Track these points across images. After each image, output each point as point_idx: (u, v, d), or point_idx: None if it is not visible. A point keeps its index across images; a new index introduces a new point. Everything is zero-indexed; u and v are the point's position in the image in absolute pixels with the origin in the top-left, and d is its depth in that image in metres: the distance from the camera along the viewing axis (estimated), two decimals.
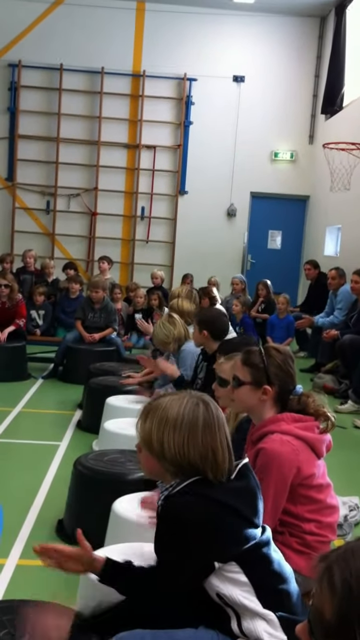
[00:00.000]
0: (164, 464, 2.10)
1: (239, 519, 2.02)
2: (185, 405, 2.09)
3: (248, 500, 2.06)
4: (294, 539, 2.70)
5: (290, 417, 2.76)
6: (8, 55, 12.62)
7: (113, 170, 12.83)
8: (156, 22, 12.68)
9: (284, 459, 2.65)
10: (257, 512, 2.07)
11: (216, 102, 12.85)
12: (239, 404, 2.92)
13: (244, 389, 2.84)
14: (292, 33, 12.87)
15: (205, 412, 2.09)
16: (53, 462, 5.38)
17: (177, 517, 2.01)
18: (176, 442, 2.07)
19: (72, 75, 12.62)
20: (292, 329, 9.71)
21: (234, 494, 2.04)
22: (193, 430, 2.07)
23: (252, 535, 2.04)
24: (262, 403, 2.81)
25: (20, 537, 4.01)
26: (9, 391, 7.64)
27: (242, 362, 2.86)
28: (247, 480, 2.10)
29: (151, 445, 2.11)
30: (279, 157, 13.12)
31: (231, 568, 2.01)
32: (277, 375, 2.80)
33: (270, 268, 12.78)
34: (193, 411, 2.09)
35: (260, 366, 2.81)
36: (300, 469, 2.67)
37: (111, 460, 4.13)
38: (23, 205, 12.85)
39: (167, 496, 2.08)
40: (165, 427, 2.08)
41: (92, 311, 8.61)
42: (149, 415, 2.13)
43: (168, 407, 2.10)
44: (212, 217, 13.04)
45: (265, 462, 2.64)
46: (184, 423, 2.07)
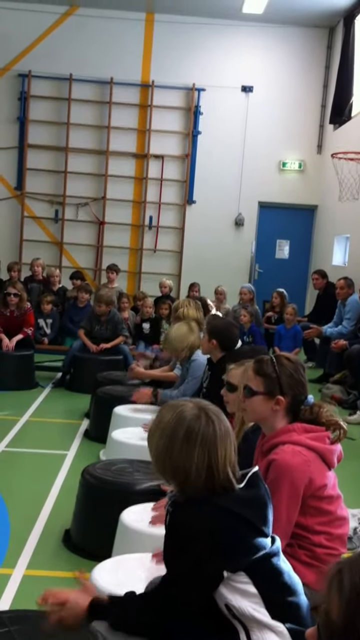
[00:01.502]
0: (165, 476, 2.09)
1: (248, 527, 1.99)
2: (180, 412, 2.06)
3: (257, 509, 2.04)
4: (302, 551, 2.67)
5: (302, 428, 2.74)
6: (18, 66, 12.69)
7: (121, 179, 12.87)
8: (165, 33, 12.74)
9: (295, 470, 2.62)
10: (266, 521, 2.04)
11: (224, 112, 12.88)
12: (251, 413, 2.89)
13: (257, 399, 2.81)
14: (300, 43, 12.90)
15: (206, 424, 2.03)
16: (60, 471, 5.38)
17: (184, 525, 1.99)
18: (159, 448, 2.06)
19: (81, 86, 12.68)
20: (299, 338, 9.68)
21: (243, 503, 2.01)
22: (173, 439, 2.03)
23: (261, 545, 2.01)
24: (274, 413, 2.79)
25: (27, 547, 4.00)
26: (16, 400, 7.65)
27: (255, 372, 2.84)
28: (257, 489, 2.07)
29: (149, 448, 2.12)
30: (287, 167, 13.13)
31: (240, 579, 1.99)
32: (289, 385, 2.78)
33: (278, 278, 12.76)
34: (181, 420, 2.04)
35: (273, 376, 2.78)
36: (312, 480, 2.65)
37: (119, 470, 4.12)
38: (32, 214, 12.90)
39: (174, 502, 2.07)
40: (157, 430, 2.08)
41: (99, 323, 8.61)
42: (157, 415, 2.15)
43: (166, 411, 2.10)
44: (219, 226, 13.05)
45: (277, 475, 2.62)
46: (169, 429, 2.05)
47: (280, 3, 11.52)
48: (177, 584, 2.00)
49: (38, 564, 3.81)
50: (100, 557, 3.29)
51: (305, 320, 10.47)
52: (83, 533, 4.06)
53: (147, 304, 10.25)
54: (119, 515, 3.49)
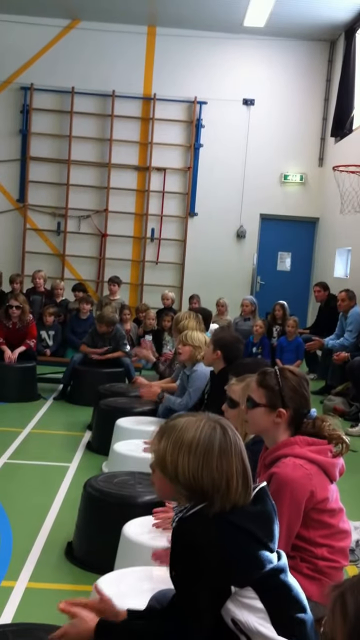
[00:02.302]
0: (177, 487, 2.06)
1: (254, 541, 1.99)
2: (202, 428, 2.05)
3: (264, 525, 2.04)
4: (305, 564, 2.67)
5: (304, 441, 2.74)
6: (20, 79, 12.77)
7: (123, 192, 12.91)
8: (167, 46, 12.82)
9: (297, 483, 2.63)
10: (272, 537, 2.05)
11: (226, 125, 12.94)
12: (252, 425, 2.89)
13: (259, 411, 2.82)
14: (302, 57, 12.98)
15: (222, 437, 2.05)
16: (63, 483, 5.37)
17: (191, 541, 1.98)
18: (190, 467, 2.02)
19: (83, 99, 12.75)
20: (301, 351, 9.68)
21: (250, 518, 2.02)
22: (208, 455, 2.03)
23: (268, 559, 2.01)
24: (276, 426, 2.79)
25: (30, 559, 4.00)
26: (19, 412, 7.65)
27: (258, 384, 2.84)
28: (264, 505, 2.07)
29: (165, 467, 2.07)
30: (288, 180, 13.18)
31: (247, 594, 1.99)
32: (292, 398, 2.78)
33: (279, 290, 12.77)
34: (209, 436, 2.04)
35: (276, 388, 2.79)
36: (314, 493, 2.65)
37: (121, 483, 4.12)
38: (34, 227, 12.94)
39: (179, 519, 2.05)
40: (180, 450, 2.04)
41: (102, 340, 8.62)
42: (165, 435, 2.10)
43: (184, 429, 2.06)
44: (221, 238, 13.08)
45: (279, 487, 2.61)
46: (199, 447, 2.03)
47: (282, 16, 11.60)
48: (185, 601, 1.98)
49: (41, 576, 3.81)
50: (103, 569, 3.29)
51: (307, 332, 10.48)
52: (85, 546, 4.05)
53: (150, 316, 10.26)
54: (121, 528, 3.48)
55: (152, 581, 2.84)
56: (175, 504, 2.18)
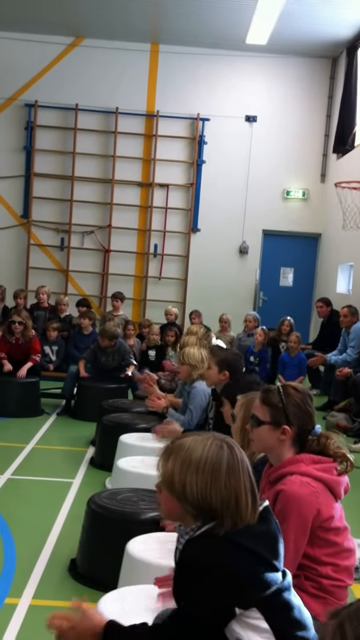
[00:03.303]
0: (185, 506, 2.06)
1: (260, 563, 1.99)
2: (209, 447, 2.06)
3: (269, 545, 2.03)
4: (309, 582, 2.66)
5: (309, 459, 2.74)
6: (25, 96, 12.88)
7: (126, 208, 12.98)
8: (169, 64, 12.93)
9: (303, 501, 2.62)
10: (278, 556, 2.04)
11: (229, 142, 13.02)
12: (257, 443, 2.88)
13: (263, 429, 2.81)
14: (303, 74, 13.08)
15: (230, 455, 2.06)
16: (66, 499, 5.37)
17: (197, 563, 1.98)
18: (199, 485, 2.02)
19: (87, 115, 12.85)
20: (303, 366, 9.68)
21: (255, 538, 2.01)
22: (216, 473, 2.03)
23: (273, 580, 2.01)
24: (281, 443, 2.78)
25: (33, 576, 3.99)
26: (22, 427, 7.66)
27: (261, 401, 2.83)
28: (269, 524, 2.07)
29: (172, 487, 2.07)
30: (290, 196, 13.23)
31: (252, 614, 1.98)
32: (295, 414, 2.78)
33: (282, 305, 12.80)
34: (217, 454, 2.05)
35: (279, 405, 2.78)
36: (320, 511, 2.64)
37: (124, 499, 4.12)
38: (38, 242, 13.00)
39: (188, 540, 2.05)
40: (188, 469, 2.04)
41: (105, 354, 8.62)
42: (172, 455, 2.09)
43: (192, 448, 2.06)
44: (224, 254, 13.13)
45: (285, 505, 2.61)
46: (207, 466, 2.03)
47: (284, 34, 11.70)
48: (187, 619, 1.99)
49: (44, 593, 3.80)
50: (107, 587, 3.29)
51: (309, 348, 10.49)
52: (89, 562, 4.05)
53: (154, 332, 10.27)
54: (125, 546, 3.48)
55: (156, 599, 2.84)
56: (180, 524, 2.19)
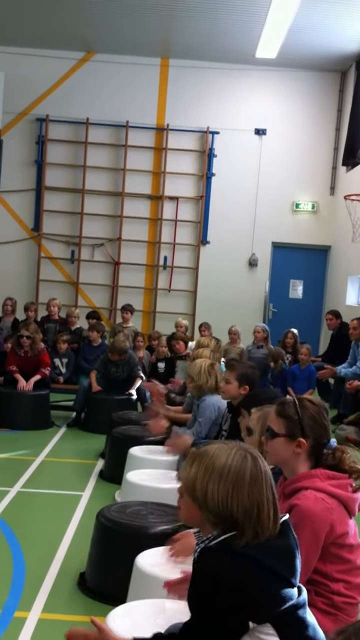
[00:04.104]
0: (205, 514, 2.06)
1: (276, 578, 1.97)
2: (234, 456, 2.06)
3: (287, 560, 2.02)
4: (320, 598, 2.66)
5: (324, 474, 2.73)
6: (36, 110, 12.98)
7: (136, 220, 13.04)
8: (179, 78, 13.01)
9: (317, 517, 2.61)
10: (294, 572, 2.03)
11: (238, 155, 13.07)
12: (272, 456, 2.86)
13: (278, 441, 2.80)
14: (313, 87, 13.13)
15: (253, 465, 2.05)
16: (75, 512, 5.39)
17: (212, 574, 1.97)
18: (220, 493, 2.02)
19: (97, 129, 12.94)
20: (313, 379, 9.66)
21: (272, 553, 2.00)
22: (239, 483, 2.02)
23: (289, 596, 1.99)
24: (296, 456, 2.77)
25: (42, 590, 4.01)
26: (32, 440, 7.68)
27: (277, 414, 2.83)
28: (287, 539, 2.06)
29: (194, 493, 2.07)
30: (300, 208, 13.26)
31: (265, 630, 1.97)
32: (311, 427, 2.77)
33: (291, 317, 12.80)
34: (241, 463, 2.05)
35: (295, 418, 2.77)
36: (334, 527, 2.63)
37: (134, 513, 4.13)
38: (48, 255, 13.08)
39: (203, 549, 2.04)
40: (211, 476, 2.04)
41: (115, 366, 8.67)
42: (196, 461, 2.10)
43: (215, 456, 2.06)
44: (233, 266, 13.16)
45: (299, 520, 2.59)
46: (231, 474, 2.03)
47: (293, 48, 11.76)
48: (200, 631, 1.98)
49: (53, 607, 3.82)
50: (116, 601, 3.29)
51: (319, 360, 10.47)
52: (98, 576, 4.06)
53: (163, 344, 10.29)
54: (134, 559, 3.49)
55: (166, 614, 2.85)
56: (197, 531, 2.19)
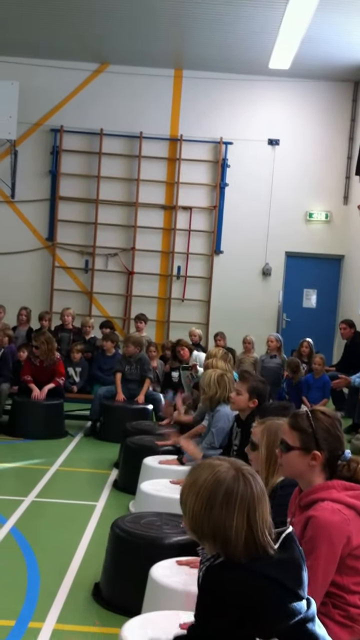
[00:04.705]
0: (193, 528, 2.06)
1: (284, 592, 1.95)
2: (216, 472, 2.03)
3: (293, 573, 2.00)
4: (337, 610, 2.63)
5: (341, 485, 2.72)
6: (51, 121, 13.07)
7: (150, 230, 13.08)
8: (193, 89, 13.06)
9: (334, 528, 2.60)
10: (302, 584, 2.00)
11: (251, 165, 13.09)
12: (287, 469, 2.86)
13: (293, 454, 2.79)
14: (326, 97, 13.15)
15: (232, 484, 2.00)
16: (90, 522, 5.41)
17: (218, 589, 1.95)
18: (195, 508, 2.01)
19: (111, 140, 13.01)
20: (327, 389, 9.63)
21: (278, 567, 1.97)
22: (211, 501, 1.99)
23: (297, 609, 1.97)
24: (311, 468, 2.76)
25: (57, 600, 4.02)
26: (46, 449, 7.72)
27: (290, 426, 2.82)
28: (292, 552, 2.03)
29: (182, 505, 2.08)
30: (313, 218, 13.26)
31: None
32: (325, 439, 2.77)
33: (305, 327, 12.78)
34: (219, 481, 2.01)
35: (309, 430, 2.77)
36: (350, 539, 2.62)
37: (148, 524, 4.14)
38: (62, 265, 13.14)
39: (208, 567, 2.02)
40: (191, 490, 2.04)
41: (129, 364, 8.83)
42: (188, 474, 2.10)
43: (201, 470, 2.06)
44: (247, 276, 13.16)
45: (316, 532, 2.59)
46: (206, 491, 2.01)
47: (306, 58, 11.78)
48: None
49: (68, 618, 3.83)
50: (131, 611, 3.30)
51: (333, 369, 10.44)
52: (113, 587, 4.07)
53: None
54: (149, 570, 3.50)
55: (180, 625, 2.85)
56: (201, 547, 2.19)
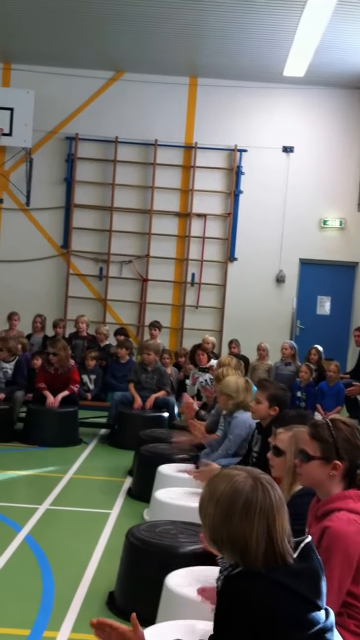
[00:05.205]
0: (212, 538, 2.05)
1: (302, 602, 1.95)
2: (233, 483, 2.02)
3: (311, 583, 2.00)
4: (352, 620, 2.62)
5: (358, 495, 2.71)
6: (66, 129, 13.14)
7: (164, 237, 13.10)
8: (208, 96, 13.09)
9: (350, 539, 2.59)
10: (320, 594, 2.00)
11: (266, 172, 13.09)
12: (306, 478, 2.85)
13: (313, 464, 2.78)
14: (340, 104, 13.13)
15: (251, 494, 2.00)
16: (104, 531, 5.40)
17: (237, 599, 1.95)
18: (215, 519, 2.01)
19: (126, 148, 13.06)
20: (341, 396, 9.60)
21: (297, 576, 1.97)
22: (230, 511, 1.99)
23: (316, 619, 1.97)
24: (330, 478, 2.76)
25: (71, 609, 4.02)
26: (60, 457, 7.73)
27: (311, 436, 2.81)
28: (310, 561, 2.03)
29: (201, 515, 2.08)
30: (327, 225, 13.23)
31: None
32: (346, 449, 2.75)
33: (319, 334, 12.75)
34: (237, 491, 2.01)
35: (330, 440, 2.76)
36: None
37: (163, 532, 4.13)
38: (77, 272, 13.18)
39: (226, 576, 2.03)
40: (211, 501, 2.04)
41: (145, 372, 8.76)
42: (206, 484, 2.10)
43: (220, 480, 2.06)
44: (261, 283, 13.15)
45: (331, 542, 2.59)
46: (224, 501, 2.01)
47: (321, 66, 11.78)
48: None
49: (83, 627, 3.82)
50: (146, 621, 3.26)
51: (347, 377, 10.41)
52: (127, 596, 4.06)
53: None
54: (164, 579, 3.49)
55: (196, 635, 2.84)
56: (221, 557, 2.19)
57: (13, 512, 5.71)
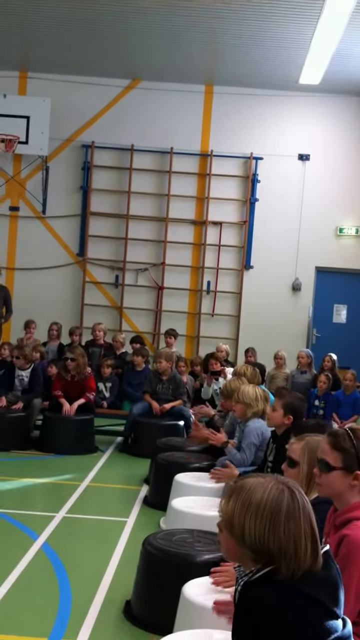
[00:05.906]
0: (244, 549, 2.04)
1: (320, 610, 1.95)
2: (270, 490, 2.03)
3: (330, 591, 2.00)
4: None
5: None
6: (82, 137, 13.21)
7: (180, 245, 13.12)
8: (223, 104, 13.11)
9: None
10: (338, 603, 2.00)
11: (282, 180, 13.08)
12: (326, 489, 2.83)
13: (335, 475, 2.76)
14: (355, 112, 13.10)
15: (290, 500, 2.03)
16: (120, 539, 5.39)
17: (254, 608, 1.95)
18: (257, 529, 2.00)
19: (142, 156, 13.10)
20: (358, 405, 9.56)
21: (316, 585, 1.97)
22: (275, 518, 2.00)
23: (333, 628, 1.96)
24: (351, 488, 2.74)
25: (88, 617, 4.01)
26: (76, 465, 7.73)
27: (332, 446, 2.79)
28: (329, 570, 2.03)
29: (232, 528, 2.06)
30: (344, 233, 13.19)
31: None
32: None
33: (335, 342, 12.70)
34: (277, 498, 2.02)
35: (352, 451, 2.73)
36: None
37: (180, 541, 4.12)
38: (93, 280, 13.22)
39: (245, 583, 2.02)
40: (248, 512, 2.02)
41: (160, 382, 8.74)
42: (233, 495, 2.09)
43: (252, 491, 2.05)
44: (277, 291, 13.12)
45: (350, 551, 2.57)
46: (267, 510, 2.01)
47: (337, 73, 11.77)
48: None
49: (99, 636, 3.81)
50: (163, 630, 3.28)
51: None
52: (144, 605, 4.05)
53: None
54: (181, 588, 3.48)
55: None
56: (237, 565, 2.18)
57: (30, 520, 5.71)
